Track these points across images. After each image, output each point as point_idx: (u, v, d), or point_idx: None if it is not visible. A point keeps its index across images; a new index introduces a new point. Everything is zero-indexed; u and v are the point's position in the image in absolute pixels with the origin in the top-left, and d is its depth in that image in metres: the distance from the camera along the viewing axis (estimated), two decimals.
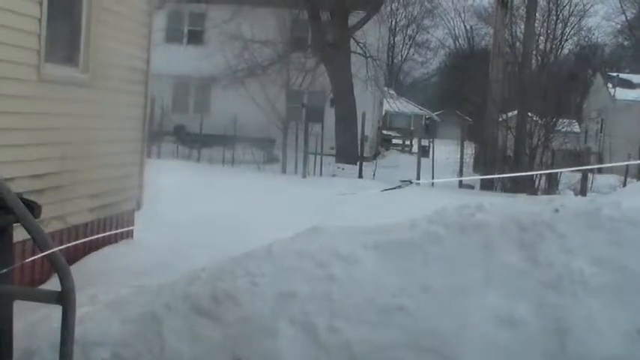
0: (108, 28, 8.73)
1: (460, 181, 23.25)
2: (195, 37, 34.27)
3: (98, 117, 8.71)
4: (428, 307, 4.77)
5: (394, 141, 43.24)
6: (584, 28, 51.25)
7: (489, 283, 4.90)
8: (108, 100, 8.94)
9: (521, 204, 5.93)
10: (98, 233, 8.72)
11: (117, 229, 9.44)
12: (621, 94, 33.74)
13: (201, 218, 10.87)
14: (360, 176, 24.94)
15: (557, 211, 5.31)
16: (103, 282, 6.58)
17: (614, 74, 36.23)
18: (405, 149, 41.18)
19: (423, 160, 24.89)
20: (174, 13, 32.71)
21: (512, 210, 5.53)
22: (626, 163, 15.98)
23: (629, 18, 53.46)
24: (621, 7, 53.98)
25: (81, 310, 4.73)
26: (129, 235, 9.79)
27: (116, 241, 9.37)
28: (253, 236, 7.77)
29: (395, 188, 4.77)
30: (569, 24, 41.89)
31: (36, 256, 4.01)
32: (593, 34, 53.86)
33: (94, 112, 8.60)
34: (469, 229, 5.28)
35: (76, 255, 8.21)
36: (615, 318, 4.65)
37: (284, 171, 25.04)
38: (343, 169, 26.62)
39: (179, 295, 5.06)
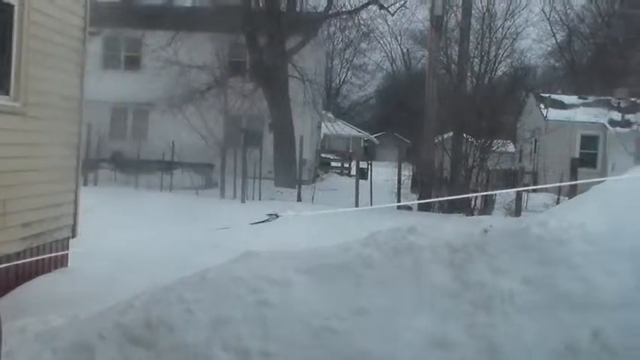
0: (40, 56, 8.66)
1: (398, 202, 23.42)
2: (132, 63, 34.05)
3: (30, 145, 8.61)
4: (361, 329, 4.82)
5: (333, 164, 43.42)
6: (517, 51, 52.25)
7: (421, 304, 4.97)
8: (40, 128, 8.85)
9: (452, 225, 6.03)
10: (31, 263, 8.58)
11: (51, 257, 9.30)
12: (553, 114, 34.45)
13: (138, 245, 10.78)
14: (299, 199, 24.98)
15: (486, 232, 5.42)
16: (35, 312, 6.48)
17: (547, 95, 37.01)
18: (343, 172, 41.37)
19: (362, 183, 25.02)
20: (110, 39, 32.50)
21: (444, 232, 5.63)
22: (557, 184, 16.35)
23: (559, 40, 54.78)
24: (551, 30, 55.29)
25: (10, 342, 4.67)
26: (63, 263, 9.66)
27: (50, 270, 9.23)
28: (189, 263, 7.74)
29: (264, 222, 4.89)
30: (502, 46, 42.67)
31: None
32: (526, 56, 55.00)
33: (26, 141, 8.50)
34: (401, 251, 5.36)
35: (7, 285, 8.08)
36: (544, 336, 4.75)
37: (223, 196, 24.93)
38: (282, 192, 26.62)
39: (112, 324, 5.03)
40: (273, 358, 4.73)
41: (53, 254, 9.37)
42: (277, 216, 5.07)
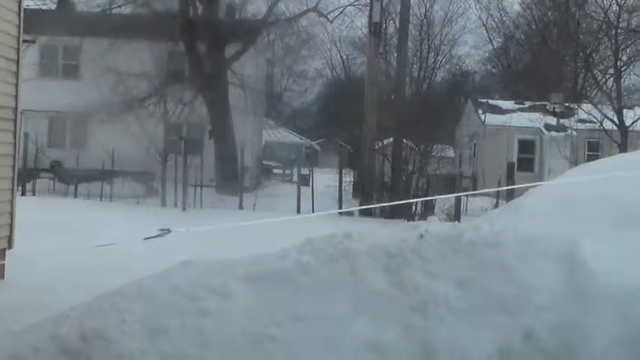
0: None
1: (340, 208, 23.53)
2: (70, 71, 33.64)
3: None
4: (299, 335, 4.85)
5: (275, 171, 43.43)
6: (455, 57, 52.95)
7: (358, 309, 5.02)
8: None
9: (388, 231, 6.10)
10: None
11: None
12: (491, 119, 34.98)
13: (76, 256, 10.65)
14: (241, 207, 24.95)
15: (421, 236, 5.49)
16: None
17: (484, 100, 37.57)
18: (285, 179, 41.41)
19: (304, 189, 25.10)
20: (47, 47, 32.07)
21: (380, 237, 5.69)
22: (495, 189, 16.71)
23: (495, 47, 55.63)
24: (488, 36, 56.11)
25: None
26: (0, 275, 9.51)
27: None
28: (127, 272, 7.68)
29: (156, 237, 4.93)
30: (440, 52, 43.27)
31: None
32: (464, 62, 55.72)
33: None
34: (338, 257, 5.40)
35: None
36: (478, 339, 4.83)
37: (164, 204, 24.77)
38: (224, 200, 26.54)
39: (47, 337, 4.97)
40: None
41: None
42: (169, 230, 5.09)
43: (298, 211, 23.76)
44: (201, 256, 5.76)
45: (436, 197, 20.79)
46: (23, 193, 23.20)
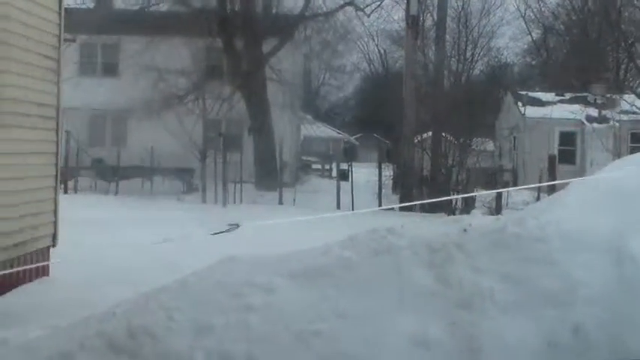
0: (13, 64, 8.62)
1: (380, 203, 23.50)
2: (110, 69, 33.94)
3: (8, 154, 8.57)
4: (343, 331, 4.84)
5: (313, 166, 43.45)
6: (494, 49, 52.57)
7: (402, 305, 4.99)
8: (18, 137, 8.81)
9: (431, 225, 6.06)
10: (11, 272, 8.53)
11: (31, 267, 9.25)
12: (531, 111, 34.61)
13: (120, 252, 10.74)
14: (281, 203, 24.98)
15: (465, 231, 5.45)
16: (15, 323, 6.45)
17: (524, 92, 37.19)
18: (324, 174, 41.40)
19: (343, 184, 25.07)
20: (86, 46, 32.33)
21: (423, 232, 5.65)
22: (537, 185, 16.60)
23: (534, 38, 55.06)
24: (527, 28, 55.60)
25: None
26: (44, 272, 9.61)
27: (31, 280, 9.19)
28: (171, 269, 7.74)
29: (224, 232, 4.93)
30: (478, 45, 43.00)
31: None
32: (502, 54, 55.26)
33: (3, 150, 8.45)
34: (381, 252, 5.37)
35: None
36: (525, 333, 4.78)
37: (204, 200, 24.89)
38: (263, 196, 26.60)
39: (94, 333, 5.01)
40: None
41: (34, 264, 9.32)
42: (238, 226, 5.11)
43: (338, 207, 23.77)
44: (266, 251, 5.75)
45: (483, 192, 20.61)
46: (65, 191, 23.45)
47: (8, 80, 8.47)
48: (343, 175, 27.37)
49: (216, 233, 5.01)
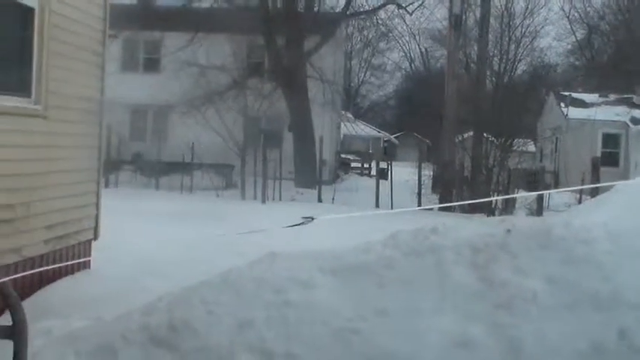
0: (60, 59, 8.69)
1: (419, 203, 23.40)
2: (152, 65, 34.20)
3: (52, 148, 8.65)
4: (383, 330, 4.81)
5: (353, 164, 43.34)
6: (537, 49, 51.99)
7: (444, 305, 4.95)
8: (62, 131, 8.89)
9: (474, 225, 6.00)
10: (54, 265, 8.62)
11: (73, 260, 9.34)
12: (574, 112, 34.24)
13: (160, 247, 10.81)
14: (320, 200, 24.97)
15: (509, 231, 5.39)
16: (58, 314, 6.51)
17: (567, 93, 36.77)
18: (363, 172, 41.30)
19: (382, 183, 24.99)
20: (129, 42, 32.62)
21: (466, 232, 5.60)
22: (579, 187, 16.42)
23: (579, 38, 54.48)
24: (571, 28, 55.01)
25: (35, 344, 4.70)
26: (86, 265, 9.69)
27: (72, 273, 9.26)
28: (211, 264, 7.76)
29: (299, 224, 4.89)
30: (521, 45, 42.54)
31: None
32: (546, 54, 54.71)
33: (48, 143, 8.53)
34: (423, 252, 5.34)
35: (31, 288, 8.12)
36: (569, 336, 4.72)
37: (243, 197, 24.97)
38: (302, 193, 26.61)
39: (135, 326, 5.04)
40: (297, 359, 4.72)
41: (76, 256, 9.41)
42: (313, 219, 5.09)
43: (377, 205, 23.70)
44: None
45: (525, 194, 20.40)
46: (106, 185, 23.66)
47: (55, 74, 8.55)
48: (382, 174, 27.28)
49: (290, 226, 4.98)
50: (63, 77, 8.82)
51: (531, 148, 34.68)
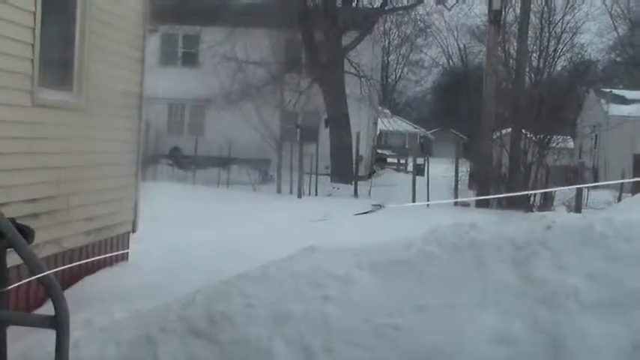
0: (101, 53, 8.76)
1: (456, 199, 23.28)
2: (190, 60, 34.38)
3: (92, 141, 8.72)
4: (423, 326, 4.78)
5: (389, 160, 43.29)
6: (577, 45, 51.40)
7: (484, 301, 4.91)
8: (102, 124, 8.96)
9: (514, 222, 5.94)
10: (93, 256, 8.70)
11: (112, 252, 9.42)
12: (615, 109, 33.85)
13: (197, 240, 10.86)
14: (356, 195, 24.95)
15: (549, 228, 5.33)
16: (97, 305, 6.56)
17: (608, 90, 36.35)
18: (400, 168, 41.22)
19: (419, 179, 24.90)
20: (168, 36, 32.82)
21: (506, 228, 5.55)
22: (620, 181, 16.13)
23: (620, 34, 53.79)
24: (613, 23, 54.32)
25: (75, 334, 4.73)
26: (124, 257, 9.77)
27: (111, 265, 9.35)
28: (248, 257, 7.77)
29: (368, 212, 4.88)
30: (561, 41, 42.12)
31: (28, 280, 4.02)
32: (586, 50, 54.03)
33: (89, 136, 8.61)
34: (463, 247, 5.30)
35: (71, 279, 8.20)
36: (611, 334, 4.65)
37: (279, 191, 25.04)
38: (338, 188, 26.61)
39: (174, 318, 5.06)
40: (335, 354, 4.71)
41: (114, 248, 9.49)
42: (381, 206, 5.10)
43: (413, 201, 23.60)
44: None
45: (562, 188, 20.21)
46: (144, 179, 23.79)
47: (95, 68, 8.62)
48: (419, 170, 27.19)
49: (359, 214, 5.02)
50: (103, 71, 8.89)
51: (570, 145, 34.34)
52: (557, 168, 24.95)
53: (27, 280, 3.30)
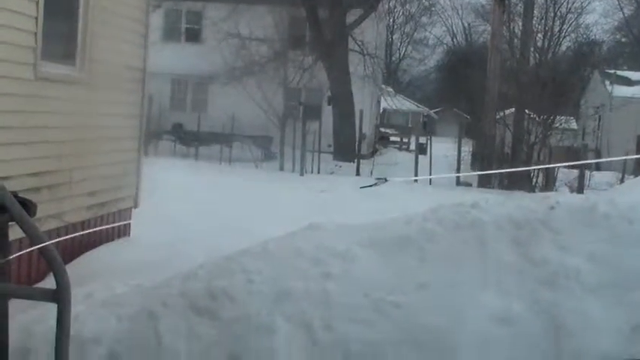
0: (104, 27, 8.73)
1: (458, 179, 23.27)
2: (193, 35, 34.22)
3: (94, 115, 8.70)
4: (423, 303, 4.79)
5: (392, 138, 43.16)
6: (582, 25, 51.18)
7: (485, 280, 4.92)
8: (105, 98, 8.94)
9: (516, 201, 5.94)
10: (95, 231, 8.71)
11: (114, 226, 9.43)
12: (619, 90, 33.74)
13: (199, 216, 10.87)
14: (358, 174, 24.93)
15: (552, 208, 5.33)
16: (99, 280, 6.58)
17: (612, 71, 36.23)
18: (402, 147, 41.11)
19: (421, 158, 24.87)
20: (171, 11, 32.67)
21: (507, 207, 5.55)
22: (623, 157, 16.05)
23: (626, 15, 53.47)
24: (619, 4, 53.98)
25: (77, 308, 4.74)
26: (126, 232, 9.79)
27: (113, 239, 9.36)
28: (250, 234, 7.78)
29: (372, 185, 4.85)
30: (567, 21, 41.92)
31: (30, 253, 4.02)
32: (591, 31, 53.80)
33: (91, 111, 8.59)
34: (464, 226, 5.30)
35: (72, 253, 8.22)
36: (611, 315, 4.66)
37: (281, 168, 25.03)
38: (341, 166, 26.59)
39: (176, 293, 5.07)
40: (335, 331, 4.72)
41: (116, 223, 9.50)
42: (386, 180, 5.08)
43: (416, 181, 23.59)
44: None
45: (559, 165, 20.21)
46: (146, 154, 23.78)
47: (98, 43, 8.59)
48: (422, 149, 27.13)
49: (365, 187, 5.01)
50: (107, 45, 8.85)
51: (573, 125, 34.26)
52: (560, 149, 24.92)
53: (28, 250, 3.28)
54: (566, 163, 19.50)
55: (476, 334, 4.60)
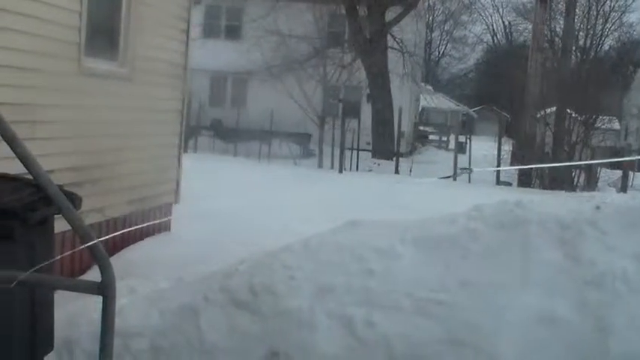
0: (147, 23, 8.77)
1: (498, 178, 23.10)
2: (233, 32, 34.38)
3: (137, 110, 8.76)
4: (466, 302, 4.73)
5: (431, 137, 43.03)
6: (626, 24, 50.51)
7: (529, 280, 4.84)
8: (146, 94, 8.99)
9: (560, 201, 5.85)
10: (136, 226, 8.76)
11: (155, 221, 9.48)
12: None
13: (239, 212, 10.89)
14: (397, 172, 24.84)
15: (598, 208, 5.23)
16: (141, 274, 6.61)
17: None
18: (441, 145, 40.95)
19: (460, 157, 24.72)
20: (212, 8, 32.82)
21: (552, 207, 5.47)
22: None
23: None
24: None
25: (120, 302, 4.76)
26: (167, 227, 9.83)
27: (154, 234, 9.41)
28: (291, 230, 7.78)
29: (451, 177, 4.81)
30: (609, 19, 41.41)
31: (73, 245, 4.04)
32: (635, 29, 53.04)
33: (133, 106, 8.64)
34: (508, 225, 5.23)
35: (114, 247, 8.27)
36: None
37: (320, 166, 25.03)
38: (379, 164, 26.54)
39: (217, 288, 5.07)
40: (377, 327, 4.69)
41: (157, 218, 9.54)
42: (471, 170, 5.03)
43: (455, 180, 23.46)
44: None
45: (601, 161, 19.95)
46: (185, 150, 23.91)
47: (141, 38, 8.63)
48: (461, 148, 26.98)
49: (446, 177, 4.98)
50: (149, 42, 8.90)
51: (616, 125, 33.84)
52: (602, 149, 24.63)
53: (80, 247, 3.31)
54: (611, 160, 19.26)
55: (519, 334, 4.54)
